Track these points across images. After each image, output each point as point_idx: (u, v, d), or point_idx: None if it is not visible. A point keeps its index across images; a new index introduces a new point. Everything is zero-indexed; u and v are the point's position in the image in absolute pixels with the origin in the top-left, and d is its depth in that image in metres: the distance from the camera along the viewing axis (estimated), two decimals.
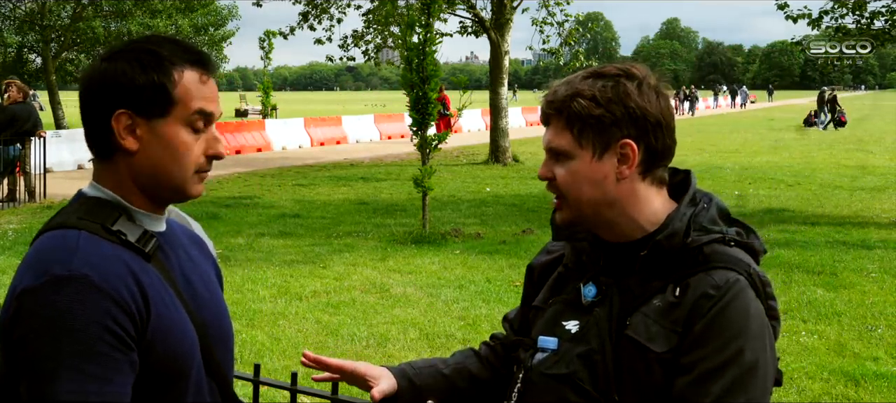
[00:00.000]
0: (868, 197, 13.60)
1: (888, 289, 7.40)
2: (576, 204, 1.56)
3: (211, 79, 1.50)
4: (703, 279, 1.46)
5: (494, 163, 18.81)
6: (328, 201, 13.00)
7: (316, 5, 20.88)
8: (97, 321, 1.31)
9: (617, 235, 1.57)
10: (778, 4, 14.59)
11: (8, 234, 9.80)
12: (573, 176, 1.55)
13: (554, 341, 1.56)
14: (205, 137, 1.49)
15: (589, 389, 1.48)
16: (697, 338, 1.43)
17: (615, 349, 1.48)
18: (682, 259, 1.50)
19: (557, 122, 1.56)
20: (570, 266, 1.65)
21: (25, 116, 12.27)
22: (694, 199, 1.56)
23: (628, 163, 1.53)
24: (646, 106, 1.52)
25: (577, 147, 1.54)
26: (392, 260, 8.50)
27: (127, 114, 1.43)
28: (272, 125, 24.68)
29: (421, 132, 9.93)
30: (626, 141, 1.52)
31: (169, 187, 1.48)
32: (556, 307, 1.61)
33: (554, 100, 1.56)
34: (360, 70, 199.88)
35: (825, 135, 29.56)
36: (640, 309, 1.49)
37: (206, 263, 1.67)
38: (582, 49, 21.99)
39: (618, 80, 1.52)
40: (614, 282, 1.54)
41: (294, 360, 5.50)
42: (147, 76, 1.43)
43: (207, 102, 1.48)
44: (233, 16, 32.33)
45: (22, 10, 28.65)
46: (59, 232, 1.40)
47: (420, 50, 9.68)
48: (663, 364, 1.45)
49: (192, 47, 1.50)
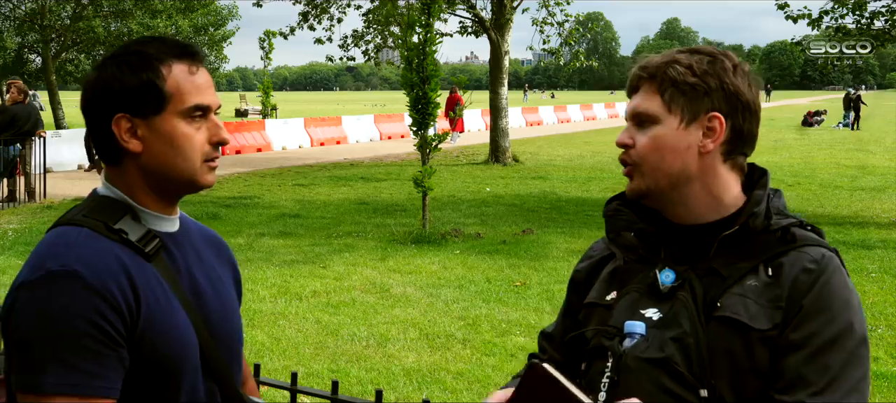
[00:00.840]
0: (868, 197, 13.60)
1: (888, 289, 7.40)
2: (652, 173, 1.53)
3: (200, 68, 1.52)
4: (797, 256, 1.47)
5: (494, 163, 18.81)
6: (328, 201, 13.00)
7: (316, 5, 20.88)
8: (85, 316, 1.34)
9: (687, 215, 1.55)
10: (778, 4, 14.59)
11: (8, 234, 9.80)
12: (655, 142, 1.52)
13: (642, 325, 1.52)
14: (206, 126, 1.51)
15: (684, 372, 1.46)
16: (807, 313, 1.43)
17: (707, 331, 1.46)
18: (767, 240, 1.50)
19: (649, 87, 1.54)
20: (627, 260, 1.62)
21: (26, 117, 12.29)
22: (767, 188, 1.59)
23: (713, 138, 1.52)
24: (740, 85, 1.52)
25: (666, 112, 1.52)
26: (392, 260, 8.50)
27: (125, 117, 1.47)
28: (272, 125, 24.68)
29: (421, 132, 9.94)
30: (714, 114, 1.51)
31: (179, 181, 1.51)
32: (630, 296, 1.57)
33: (648, 65, 1.54)
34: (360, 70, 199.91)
35: (825, 135, 29.57)
36: (732, 290, 1.47)
37: (222, 265, 1.69)
38: (582, 49, 22.01)
39: (715, 57, 1.53)
40: (689, 267, 1.53)
41: (294, 360, 5.51)
42: (137, 77, 1.46)
43: (201, 93, 1.50)
44: (233, 16, 32.34)
45: (22, 10, 28.65)
46: (63, 229, 1.45)
47: (420, 50, 9.68)
48: (766, 342, 1.44)
49: (178, 42, 1.53)
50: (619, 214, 1.65)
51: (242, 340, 1.70)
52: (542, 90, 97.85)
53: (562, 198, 13.25)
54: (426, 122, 9.85)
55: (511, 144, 19.84)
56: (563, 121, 39.62)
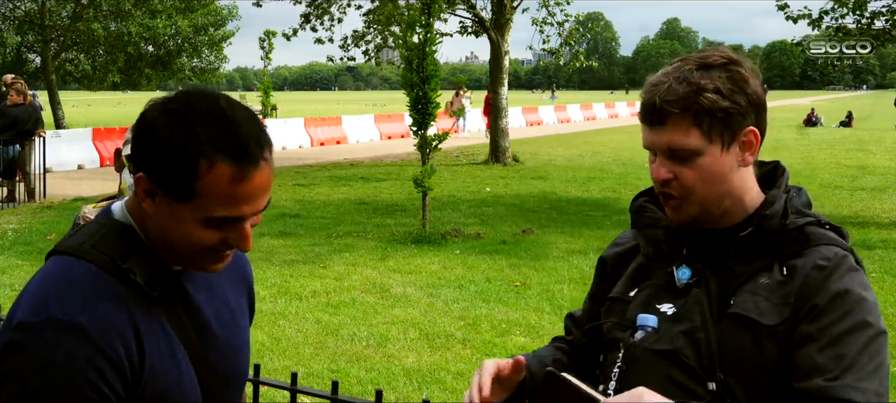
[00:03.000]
0: (868, 197, 13.60)
1: (888, 289, 7.39)
2: (702, 201, 1.54)
3: (253, 172, 1.30)
4: (810, 255, 1.49)
5: (494, 163, 18.81)
6: (328, 201, 13.00)
7: (317, 6, 20.88)
8: (84, 375, 1.26)
9: (722, 222, 1.56)
10: (778, 5, 14.59)
11: (8, 234, 9.80)
12: (702, 173, 1.52)
13: (654, 319, 1.55)
14: (231, 229, 1.35)
15: (693, 365, 1.48)
16: (821, 308, 1.44)
17: (718, 327, 1.48)
18: (782, 239, 1.52)
19: (681, 120, 1.50)
20: (650, 255, 1.64)
21: (26, 118, 12.29)
22: (786, 186, 1.60)
23: (751, 150, 1.54)
24: (758, 90, 1.54)
25: (707, 142, 1.50)
26: (392, 260, 8.50)
27: (147, 180, 1.32)
28: (272, 125, 24.66)
29: (421, 132, 9.93)
30: (750, 128, 1.53)
31: (179, 260, 1.39)
32: (648, 291, 1.60)
33: (675, 97, 1.49)
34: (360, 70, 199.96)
35: (825, 135, 29.55)
36: (745, 288, 1.50)
37: (235, 291, 1.58)
38: (582, 49, 22.00)
39: (730, 69, 1.51)
40: (706, 265, 1.55)
41: (294, 360, 5.50)
42: (172, 158, 1.28)
43: (233, 208, 1.31)
44: (233, 16, 32.33)
45: (22, 10, 28.64)
46: (68, 261, 1.35)
47: (420, 50, 9.68)
48: (774, 337, 1.45)
49: (238, 132, 1.30)
50: (645, 211, 1.68)
51: (247, 375, 1.61)
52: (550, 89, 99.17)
53: (562, 198, 13.25)
54: (426, 122, 9.85)
55: (511, 144, 19.84)
56: (563, 121, 39.61)
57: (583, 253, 8.80)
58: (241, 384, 1.57)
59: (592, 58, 23.74)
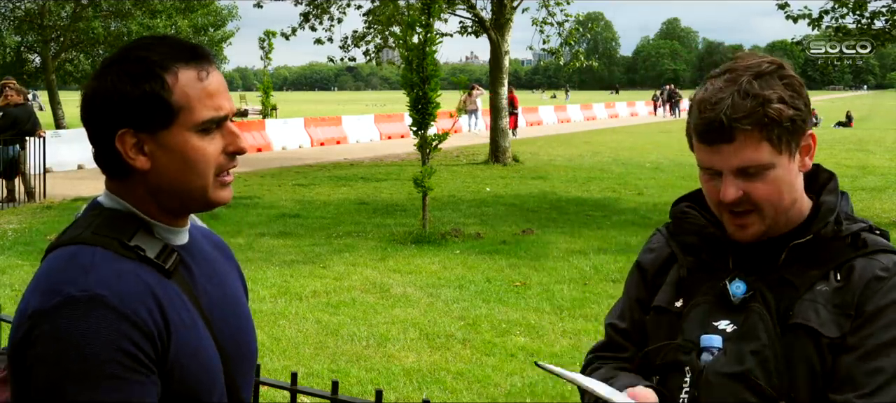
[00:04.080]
0: (868, 197, 13.60)
1: None
2: (773, 213, 1.49)
3: (211, 71, 1.37)
4: (867, 263, 1.47)
5: (494, 163, 18.81)
6: (328, 201, 13.00)
7: (317, 5, 20.88)
8: (114, 343, 1.22)
9: (779, 231, 1.52)
10: (778, 4, 14.59)
11: (8, 234, 9.80)
12: (775, 185, 1.47)
13: (719, 339, 1.50)
14: (220, 135, 1.37)
15: (764, 385, 1.44)
16: (868, 318, 1.43)
17: (783, 342, 1.45)
18: (837, 246, 1.50)
19: (749, 136, 1.43)
20: (691, 268, 1.60)
21: (26, 118, 12.30)
22: (839, 191, 1.57)
23: (810, 155, 1.52)
24: (806, 92, 1.51)
25: (777, 154, 1.46)
26: (392, 260, 8.49)
27: (130, 133, 1.32)
28: (272, 125, 24.68)
29: (421, 132, 9.93)
30: (810, 132, 1.50)
31: (191, 199, 1.38)
32: (701, 307, 1.54)
33: (744, 113, 1.43)
34: (360, 70, 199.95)
35: (825, 135, 29.55)
36: (804, 298, 1.46)
37: (232, 271, 1.56)
38: (582, 49, 22.01)
39: (783, 75, 1.48)
40: (759, 278, 1.51)
41: (294, 360, 5.50)
42: (139, 88, 1.31)
43: (214, 103, 1.35)
44: (233, 16, 32.37)
45: (21, 10, 28.64)
46: (71, 249, 1.31)
47: (420, 50, 9.68)
48: (834, 349, 1.43)
49: (183, 43, 1.37)
50: (687, 217, 1.63)
51: (256, 355, 1.58)
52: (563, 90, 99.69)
53: (562, 198, 13.25)
54: (426, 122, 9.85)
55: (511, 144, 19.83)
56: (563, 121, 39.62)
57: (583, 254, 8.80)
58: (253, 361, 1.54)
59: (592, 58, 23.75)
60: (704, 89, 1.49)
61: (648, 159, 20.07)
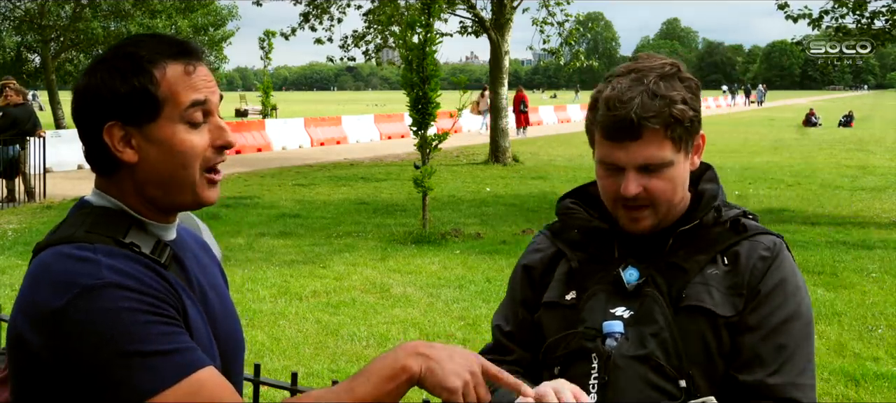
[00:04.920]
0: (868, 197, 13.60)
1: (888, 289, 7.39)
2: (667, 207, 1.58)
3: (199, 66, 1.39)
4: (751, 244, 1.57)
5: (494, 163, 18.81)
6: (328, 201, 13.00)
7: (317, 5, 20.88)
8: (143, 311, 1.23)
9: (667, 222, 1.61)
10: (778, 4, 14.60)
11: (8, 234, 9.80)
12: (671, 182, 1.56)
13: (620, 324, 1.56)
14: (207, 128, 1.39)
15: (665, 365, 1.51)
16: (764, 297, 1.53)
17: (678, 322, 1.53)
18: (719, 232, 1.60)
19: (655, 134, 1.52)
20: (581, 260, 1.66)
21: (26, 118, 12.30)
22: (716, 181, 1.67)
23: (699, 153, 1.62)
24: (700, 94, 1.60)
25: (676, 152, 1.55)
26: (392, 260, 8.49)
27: (118, 126, 1.35)
28: (272, 125, 24.68)
29: (421, 132, 9.93)
30: (701, 133, 1.61)
31: (179, 192, 1.38)
32: (598, 297, 1.60)
33: (652, 113, 1.50)
34: (360, 70, 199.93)
35: (825, 135, 29.55)
36: (695, 281, 1.55)
37: (214, 268, 1.59)
38: (582, 49, 22.00)
39: (683, 78, 1.56)
40: (650, 264, 1.58)
41: (294, 360, 5.50)
42: (127, 83, 1.33)
43: (198, 92, 1.37)
44: (233, 16, 32.37)
45: (21, 9, 28.65)
46: (68, 248, 1.29)
47: (420, 50, 9.68)
48: (730, 328, 1.52)
49: (172, 39, 1.40)
50: (573, 213, 1.71)
51: (244, 345, 1.60)
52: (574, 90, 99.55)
53: None
54: (426, 122, 9.84)
55: (511, 144, 19.83)
56: (563, 121, 39.63)
57: None
58: (242, 351, 1.56)
59: (592, 58, 23.74)
60: (611, 88, 1.55)
61: None
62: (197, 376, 1.24)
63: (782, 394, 1.48)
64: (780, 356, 1.50)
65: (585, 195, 1.75)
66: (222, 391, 1.27)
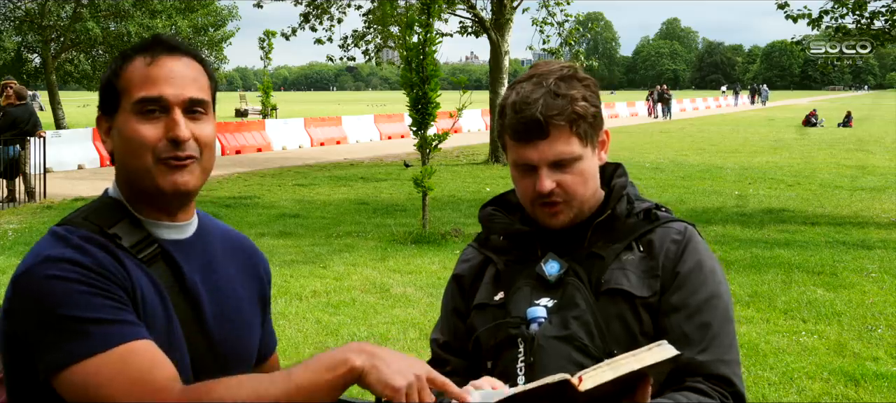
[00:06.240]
0: (868, 197, 13.60)
1: (888, 289, 7.39)
2: (580, 202, 1.68)
3: (162, 60, 1.43)
4: (664, 231, 1.68)
5: (494, 163, 18.82)
6: (328, 201, 13.00)
7: (317, 6, 20.89)
8: (88, 284, 1.30)
9: (583, 216, 1.71)
10: (778, 4, 14.59)
11: (8, 234, 9.80)
12: (582, 176, 1.66)
13: (543, 310, 1.64)
14: (163, 121, 1.41)
15: (589, 345, 1.59)
16: (682, 277, 1.63)
17: (600, 306, 1.62)
18: (632, 223, 1.70)
19: (561, 131, 1.62)
20: (507, 262, 1.74)
21: (26, 118, 12.31)
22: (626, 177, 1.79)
23: (605, 148, 1.74)
24: (599, 92, 1.71)
25: (583, 147, 1.65)
26: (392, 260, 8.50)
27: (103, 118, 1.48)
28: (272, 125, 24.68)
29: (421, 132, 9.93)
30: (605, 129, 1.73)
31: (140, 181, 1.44)
32: (521, 292, 1.68)
33: (557, 111, 1.61)
34: (360, 70, 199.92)
35: (825, 136, 29.56)
36: (612, 267, 1.65)
37: (244, 277, 1.59)
38: (582, 49, 22.01)
39: (582, 79, 1.67)
40: (569, 257, 1.68)
41: (294, 360, 5.50)
42: (105, 77, 1.47)
43: (151, 87, 1.41)
44: (233, 16, 32.34)
45: (22, 10, 28.63)
46: (60, 228, 1.41)
47: (420, 50, 9.68)
48: (649, 308, 1.62)
49: (157, 36, 1.48)
50: (494, 218, 1.80)
51: (253, 358, 1.59)
52: None
53: None
54: (426, 122, 9.85)
55: None
56: None
57: None
58: (248, 364, 1.56)
59: (592, 58, 23.74)
60: (516, 93, 1.65)
61: (647, 159, 20.06)
62: (129, 345, 1.28)
63: (711, 370, 1.57)
64: (706, 334, 1.59)
65: (505, 202, 1.84)
66: (154, 363, 1.29)
